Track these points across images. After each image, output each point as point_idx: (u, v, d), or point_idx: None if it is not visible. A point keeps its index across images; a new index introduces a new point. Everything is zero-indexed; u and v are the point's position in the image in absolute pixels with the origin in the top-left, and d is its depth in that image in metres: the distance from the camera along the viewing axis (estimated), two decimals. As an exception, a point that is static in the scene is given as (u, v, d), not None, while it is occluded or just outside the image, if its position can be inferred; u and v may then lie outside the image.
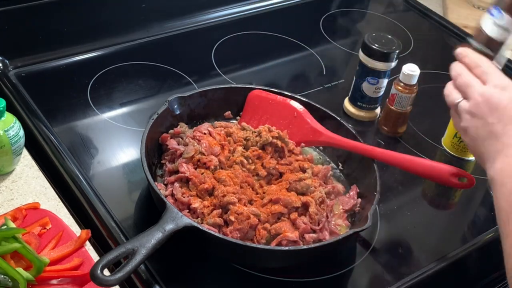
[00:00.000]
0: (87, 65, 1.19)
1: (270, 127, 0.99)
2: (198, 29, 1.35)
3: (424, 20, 1.54)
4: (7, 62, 1.13)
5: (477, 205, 1.05)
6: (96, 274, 0.68)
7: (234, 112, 1.06)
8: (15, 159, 0.90)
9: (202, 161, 0.91)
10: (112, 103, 1.11)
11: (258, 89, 1.05)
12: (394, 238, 0.95)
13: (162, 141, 0.96)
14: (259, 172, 0.93)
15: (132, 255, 0.72)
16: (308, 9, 1.50)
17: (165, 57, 1.23)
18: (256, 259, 0.85)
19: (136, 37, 1.27)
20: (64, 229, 0.82)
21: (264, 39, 1.35)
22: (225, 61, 1.26)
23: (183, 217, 0.78)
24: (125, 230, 0.87)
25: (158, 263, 0.82)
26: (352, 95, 1.16)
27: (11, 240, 0.75)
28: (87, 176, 0.94)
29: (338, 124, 1.01)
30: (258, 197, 0.89)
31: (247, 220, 0.83)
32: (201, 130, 0.97)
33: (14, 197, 0.88)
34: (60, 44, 1.20)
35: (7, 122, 0.87)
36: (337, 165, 1.01)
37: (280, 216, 0.86)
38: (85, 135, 1.03)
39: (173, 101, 0.98)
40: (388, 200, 0.99)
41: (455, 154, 1.11)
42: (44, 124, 1.02)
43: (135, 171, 0.96)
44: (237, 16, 1.41)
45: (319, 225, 0.87)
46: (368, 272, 0.89)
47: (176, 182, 0.89)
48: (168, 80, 1.18)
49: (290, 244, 0.83)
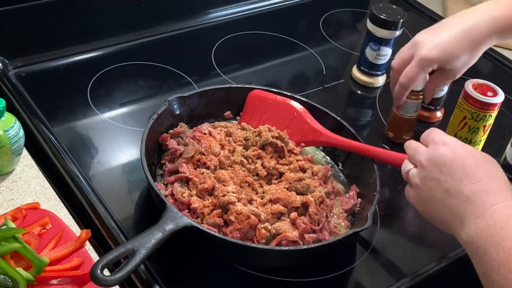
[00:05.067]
0: (87, 65, 1.19)
1: (270, 127, 0.99)
2: (198, 29, 1.35)
3: (424, 20, 1.54)
4: (7, 62, 1.13)
5: (477, 205, 1.05)
6: (96, 274, 0.68)
7: (234, 112, 1.06)
8: (15, 159, 0.90)
9: (202, 161, 0.91)
10: (112, 103, 1.11)
11: (258, 89, 1.05)
12: (394, 238, 0.95)
13: (162, 141, 0.96)
14: (259, 172, 0.93)
15: (132, 255, 0.72)
16: (308, 9, 1.50)
17: (165, 57, 1.23)
18: (256, 259, 0.85)
19: (136, 37, 1.27)
20: (64, 229, 0.82)
21: (264, 39, 1.35)
22: (225, 61, 1.26)
23: (183, 217, 0.78)
24: (125, 230, 0.87)
25: (158, 263, 0.82)
26: (358, 59, 1.26)
27: (11, 240, 0.75)
28: (87, 176, 0.94)
29: (338, 124, 1.01)
30: (258, 197, 0.89)
31: (247, 220, 0.83)
32: (201, 130, 0.97)
33: (14, 197, 0.88)
34: (60, 44, 1.20)
35: (7, 122, 0.87)
36: (337, 165, 1.02)
37: (280, 216, 0.86)
38: (85, 135, 1.03)
39: (173, 101, 0.98)
40: (388, 200, 0.99)
41: (455, 154, 1.11)
42: (44, 124, 1.02)
43: (135, 171, 0.96)
44: (237, 16, 1.41)
45: (319, 225, 0.87)
46: (368, 272, 0.89)
47: (176, 182, 0.89)
48: (168, 80, 1.18)
49: (290, 244, 0.83)
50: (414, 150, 0.79)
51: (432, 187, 0.74)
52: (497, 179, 0.70)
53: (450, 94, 1.16)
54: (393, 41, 1.21)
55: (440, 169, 0.73)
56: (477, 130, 1.07)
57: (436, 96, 1.15)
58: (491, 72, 1.39)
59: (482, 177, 0.70)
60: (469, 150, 0.74)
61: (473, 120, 1.06)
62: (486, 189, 0.69)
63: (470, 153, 0.73)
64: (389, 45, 1.21)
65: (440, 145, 0.75)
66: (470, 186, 0.70)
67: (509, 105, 1.25)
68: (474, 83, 1.06)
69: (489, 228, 0.66)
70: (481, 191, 0.69)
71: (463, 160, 0.72)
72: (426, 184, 0.75)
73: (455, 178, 0.71)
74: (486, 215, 0.67)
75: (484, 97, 1.04)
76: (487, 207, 0.67)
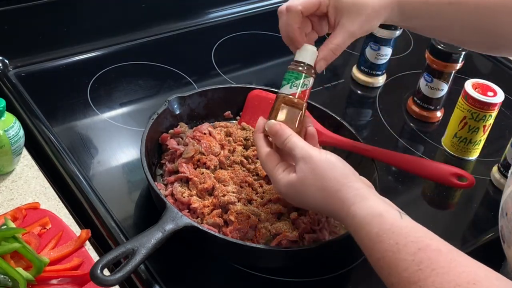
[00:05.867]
0: (87, 65, 1.19)
1: (270, 127, 0.98)
2: (198, 29, 1.35)
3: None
4: (7, 62, 1.13)
5: (477, 205, 1.05)
6: (96, 274, 0.68)
7: (234, 112, 1.06)
8: (15, 159, 0.90)
9: (202, 161, 0.91)
10: (112, 103, 1.11)
11: (258, 89, 1.05)
12: (394, 238, 0.95)
13: (162, 141, 0.96)
14: (259, 172, 0.93)
15: (132, 255, 0.72)
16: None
17: (165, 57, 1.23)
18: (256, 259, 0.85)
19: (136, 37, 1.27)
20: (64, 229, 0.82)
21: (264, 39, 1.35)
22: (225, 61, 1.26)
23: (183, 217, 0.78)
24: (125, 230, 0.87)
25: (158, 263, 0.82)
26: (358, 59, 1.27)
27: (11, 240, 0.75)
28: (87, 176, 0.94)
29: (338, 124, 1.01)
30: (258, 197, 0.89)
31: (247, 220, 0.83)
32: (201, 130, 0.97)
33: (14, 197, 0.88)
34: (60, 44, 1.20)
35: (7, 122, 0.87)
36: (337, 165, 1.01)
37: (280, 216, 0.86)
38: (85, 135, 1.03)
39: (173, 101, 0.98)
40: (388, 200, 0.99)
41: (455, 154, 1.11)
42: (44, 124, 1.02)
43: (135, 171, 0.96)
44: (237, 16, 1.41)
45: (318, 225, 0.87)
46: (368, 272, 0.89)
47: (176, 182, 0.89)
48: (168, 80, 1.18)
49: (290, 244, 0.83)
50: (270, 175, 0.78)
51: (301, 203, 0.76)
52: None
53: (450, 94, 1.16)
54: (393, 41, 1.21)
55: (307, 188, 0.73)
56: (477, 130, 1.08)
57: (436, 96, 1.15)
58: (491, 72, 1.39)
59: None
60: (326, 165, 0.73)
61: (473, 120, 1.06)
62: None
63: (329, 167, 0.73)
64: (389, 45, 1.21)
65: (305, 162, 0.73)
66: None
67: (509, 105, 1.25)
68: (474, 83, 1.07)
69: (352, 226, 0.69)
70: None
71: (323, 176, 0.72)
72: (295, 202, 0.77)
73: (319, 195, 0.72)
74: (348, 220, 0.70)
75: (484, 97, 1.04)
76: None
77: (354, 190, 0.70)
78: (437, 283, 0.57)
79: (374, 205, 0.68)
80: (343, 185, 0.71)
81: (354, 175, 0.73)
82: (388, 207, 0.68)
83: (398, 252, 0.62)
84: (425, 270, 0.59)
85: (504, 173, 1.04)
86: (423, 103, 1.18)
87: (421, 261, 0.60)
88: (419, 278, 0.59)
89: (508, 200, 0.77)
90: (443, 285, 0.57)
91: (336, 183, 0.71)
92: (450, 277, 0.57)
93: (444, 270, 0.58)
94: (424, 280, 0.58)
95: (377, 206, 0.68)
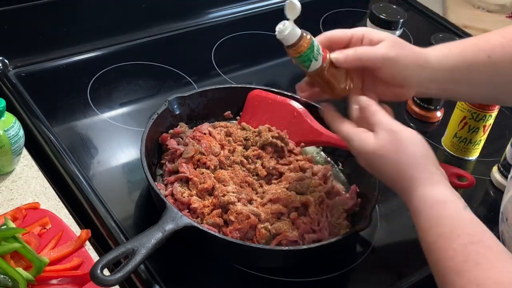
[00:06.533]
0: (87, 65, 1.19)
1: (270, 127, 0.99)
2: (198, 29, 1.35)
3: (424, 20, 1.54)
4: (7, 62, 1.13)
5: (477, 205, 1.05)
6: (96, 274, 0.68)
7: (234, 112, 1.06)
8: (15, 159, 0.90)
9: (202, 161, 0.91)
10: (112, 103, 1.11)
11: (258, 89, 1.05)
12: (394, 238, 0.95)
13: (162, 141, 0.96)
14: (259, 172, 0.93)
15: (132, 255, 0.72)
16: (308, 9, 1.49)
17: (165, 57, 1.23)
18: (256, 259, 0.85)
19: (136, 37, 1.27)
20: (64, 229, 0.82)
21: (264, 39, 1.35)
22: (225, 61, 1.26)
23: (183, 217, 0.78)
24: (125, 230, 0.87)
25: (158, 263, 0.82)
26: None
27: (11, 240, 0.75)
28: (87, 176, 0.94)
29: (338, 124, 1.01)
30: (258, 197, 0.89)
31: (247, 220, 0.83)
32: (201, 130, 0.97)
33: (14, 197, 0.88)
34: (60, 44, 1.20)
35: (7, 122, 0.87)
36: (337, 165, 1.01)
37: (280, 216, 0.86)
38: (85, 135, 1.03)
39: (173, 101, 0.98)
40: (388, 200, 0.98)
41: (455, 154, 1.11)
42: (44, 124, 1.02)
43: (135, 171, 0.96)
44: (237, 16, 1.41)
45: (319, 225, 0.87)
46: (368, 272, 0.89)
47: (176, 182, 0.89)
48: (168, 80, 1.18)
49: (290, 244, 0.83)
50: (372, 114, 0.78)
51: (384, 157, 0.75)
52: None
53: (450, 94, 1.16)
54: None
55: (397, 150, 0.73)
56: (477, 130, 1.08)
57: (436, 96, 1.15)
58: (491, 72, 1.39)
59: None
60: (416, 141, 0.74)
61: (473, 120, 1.06)
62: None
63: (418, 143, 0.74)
64: None
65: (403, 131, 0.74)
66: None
67: (509, 105, 1.25)
68: (474, 83, 1.06)
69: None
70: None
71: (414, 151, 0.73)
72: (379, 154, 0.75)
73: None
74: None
75: (484, 97, 1.04)
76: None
77: (427, 173, 0.71)
78: (479, 278, 0.59)
79: (442, 191, 0.69)
80: (418, 164, 0.72)
81: (433, 160, 0.74)
82: (455, 197, 0.69)
83: (450, 240, 0.64)
84: (471, 263, 0.60)
85: (504, 173, 1.04)
86: (423, 103, 1.18)
87: (469, 254, 0.61)
88: (463, 269, 0.60)
89: (508, 205, 0.77)
90: (484, 281, 0.58)
91: (412, 159, 0.72)
92: (491, 274, 0.59)
93: (488, 267, 0.60)
94: (467, 272, 0.60)
95: (444, 193, 0.69)
